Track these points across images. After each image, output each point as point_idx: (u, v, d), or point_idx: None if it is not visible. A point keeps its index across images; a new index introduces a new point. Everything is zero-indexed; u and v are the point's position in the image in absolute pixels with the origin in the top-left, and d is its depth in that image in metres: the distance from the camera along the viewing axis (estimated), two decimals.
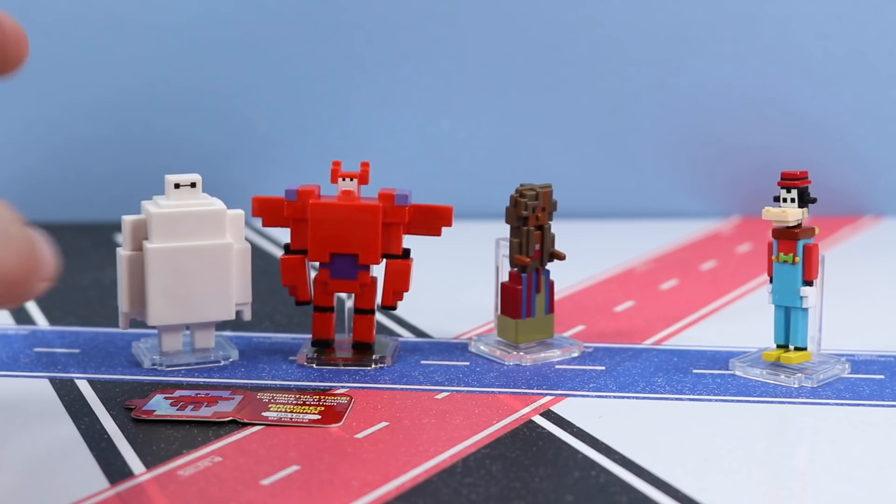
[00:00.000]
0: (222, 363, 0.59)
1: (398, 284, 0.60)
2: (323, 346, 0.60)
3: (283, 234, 0.61)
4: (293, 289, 0.60)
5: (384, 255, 0.59)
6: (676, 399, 0.55)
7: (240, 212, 0.60)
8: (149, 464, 0.48)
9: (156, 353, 0.60)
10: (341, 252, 0.59)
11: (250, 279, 0.60)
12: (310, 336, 0.61)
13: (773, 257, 0.58)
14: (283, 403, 0.54)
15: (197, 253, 0.58)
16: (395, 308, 0.60)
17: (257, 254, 0.63)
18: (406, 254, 0.60)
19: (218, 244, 0.58)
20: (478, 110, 0.98)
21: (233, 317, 0.59)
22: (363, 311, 0.60)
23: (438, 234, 0.60)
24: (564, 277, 0.69)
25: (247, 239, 0.60)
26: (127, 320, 0.59)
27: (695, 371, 0.59)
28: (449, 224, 0.60)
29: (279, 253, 0.61)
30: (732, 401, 0.55)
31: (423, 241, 0.61)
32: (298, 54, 0.95)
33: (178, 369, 0.59)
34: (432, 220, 0.60)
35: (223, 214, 0.59)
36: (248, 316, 0.60)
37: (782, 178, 0.57)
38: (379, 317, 0.70)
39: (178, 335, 0.59)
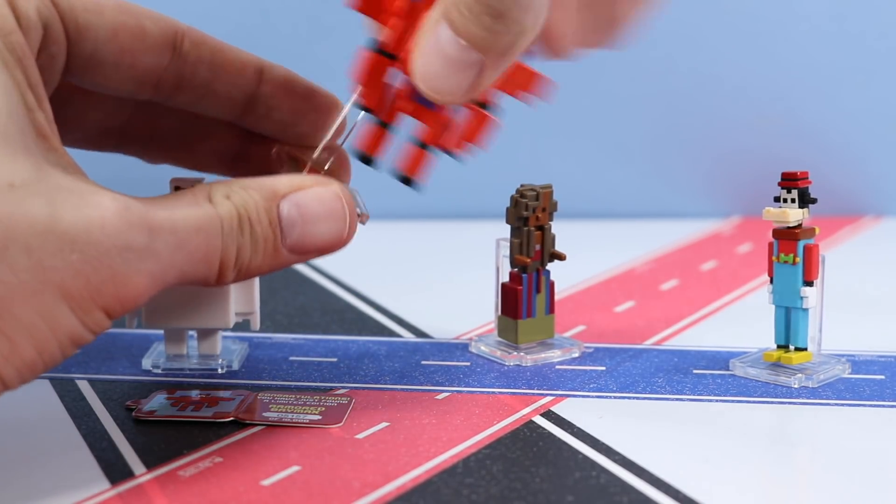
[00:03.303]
0: (220, 371, 0.59)
1: (473, 135, 0.53)
2: (367, 162, 0.52)
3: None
4: (359, 88, 0.50)
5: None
6: (677, 399, 0.55)
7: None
8: (149, 464, 0.48)
9: (162, 356, 0.60)
10: None
11: (256, 287, 0.59)
12: None
13: (774, 258, 0.58)
14: (284, 404, 0.54)
15: None
16: (457, 156, 0.54)
17: None
18: (488, 107, 0.53)
19: None
20: None
21: (230, 325, 0.58)
22: (424, 145, 0.52)
23: (527, 100, 0.54)
24: (565, 278, 0.69)
25: None
26: (132, 320, 0.58)
27: (695, 371, 0.59)
28: (539, 95, 0.54)
29: None
30: (733, 401, 0.55)
31: (423, 240, 0.60)
32: (298, 54, 0.95)
33: (177, 371, 0.59)
34: (526, 84, 0.54)
35: None
36: (256, 325, 0.59)
37: (783, 179, 0.57)
38: (379, 317, 0.70)
39: (182, 339, 0.59)
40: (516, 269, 0.61)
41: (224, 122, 0.57)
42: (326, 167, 0.54)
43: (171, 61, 0.52)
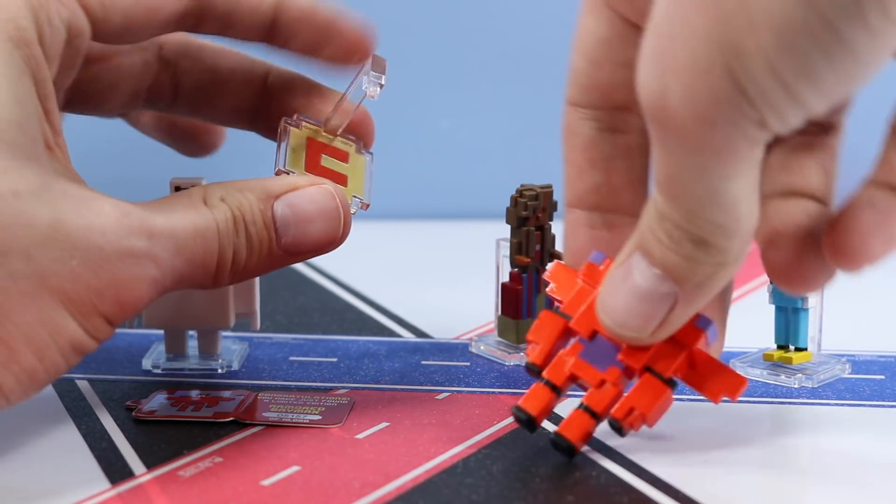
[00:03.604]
0: (220, 371, 0.59)
1: (643, 404, 0.47)
2: (529, 427, 0.49)
3: None
4: (530, 344, 0.49)
5: (646, 368, 0.47)
6: (677, 399, 0.55)
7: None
8: (149, 464, 0.48)
9: (162, 356, 0.60)
10: (607, 337, 0.47)
11: (256, 287, 0.59)
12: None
13: None
14: (284, 404, 0.54)
15: None
16: (622, 433, 0.47)
17: None
18: (671, 384, 0.47)
19: None
20: (478, 110, 0.98)
21: (229, 326, 0.58)
22: (588, 410, 0.48)
23: (716, 400, 0.48)
24: None
25: None
26: (132, 321, 0.58)
27: None
28: (734, 398, 0.48)
29: None
30: (734, 401, 0.55)
31: (423, 240, 0.60)
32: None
33: (177, 371, 0.59)
34: (717, 381, 0.48)
35: None
36: (256, 325, 0.60)
37: None
38: (379, 317, 0.70)
39: (182, 339, 0.59)
40: (516, 269, 0.61)
41: (244, 79, 0.57)
42: (340, 131, 0.54)
43: (190, 1, 0.52)
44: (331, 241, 0.50)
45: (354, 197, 0.54)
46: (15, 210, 0.42)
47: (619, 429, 0.47)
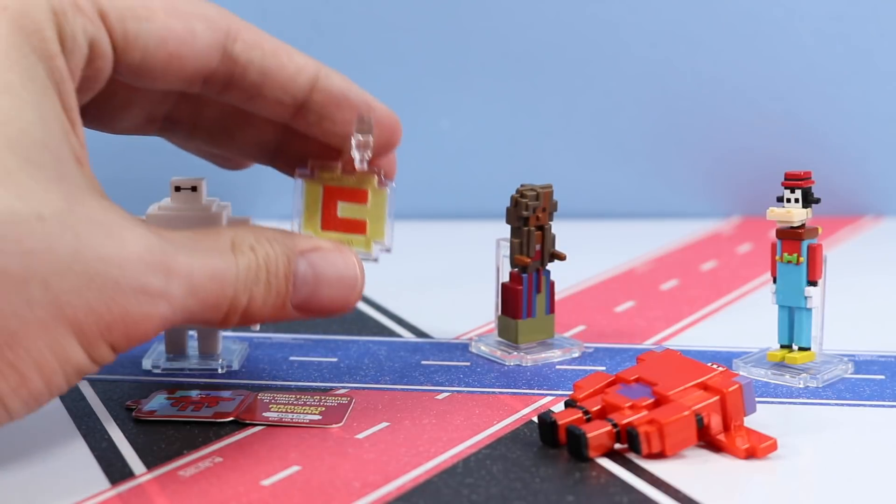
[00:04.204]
0: (220, 371, 0.59)
1: (663, 416, 0.48)
2: (550, 434, 0.49)
3: None
4: (577, 385, 0.51)
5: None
6: None
7: (246, 218, 0.59)
8: (149, 464, 0.48)
9: (162, 356, 0.60)
10: (647, 382, 0.50)
11: None
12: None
13: (777, 257, 0.58)
14: (284, 404, 0.54)
15: None
16: (638, 444, 0.48)
17: None
18: (697, 420, 0.48)
19: None
20: (478, 110, 0.98)
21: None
22: (610, 420, 0.48)
23: (743, 460, 0.48)
24: (565, 277, 0.69)
25: None
26: None
27: None
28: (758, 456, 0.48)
29: None
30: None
31: (423, 240, 0.60)
32: None
33: (177, 371, 0.59)
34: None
35: (219, 219, 0.57)
36: (256, 326, 0.59)
37: (786, 179, 0.57)
38: (379, 317, 0.70)
39: (182, 339, 0.59)
40: (516, 269, 0.61)
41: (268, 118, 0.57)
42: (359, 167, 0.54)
43: (220, 62, 0.51)
44: (341, 308, 0.51)
45: (376, 243, 0.54)
46: (39, 236, 0.42)
47: (635, 437, 0.47)
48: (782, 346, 0.59)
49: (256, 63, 0.52)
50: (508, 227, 0.61)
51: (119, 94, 0.54)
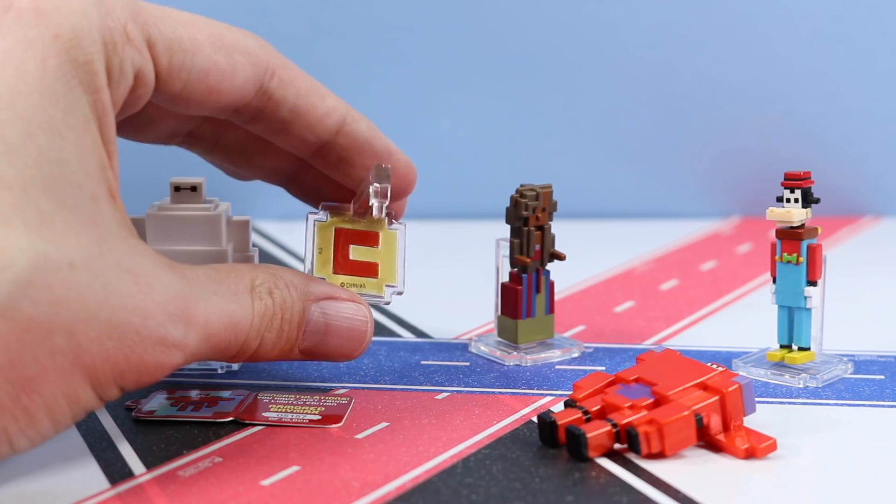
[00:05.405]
0: (220, 371, 0.59)
1: (662, 416, 0.48)
2: (549, 433, 0.49)
3: (296, 241, 0.61)
4: (576, 385, 0.52)
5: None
6: None
7: (245, 218, 0.59)
8: (149, 464, 0.48)
9: None
10: (647, 382, 0.50)
11: None
12: None
13: (777, 257, 0.58)
14: (284, 404, 0.54)
15: (190, 258, 0.54)
16: (637, 444, 0.48)
17: (268, 261, 0.63)
18: (697, 420, 0.48)
19: (211, 250, 0.57)
20: (478, 110, 0.98)
21: None
22: (609, 420, 0.49)
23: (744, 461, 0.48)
24: (564, 277, 0.69)
25: (255, 246, 0.60)
26: None
27: None
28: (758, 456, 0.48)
29: (290, 260, 0.61)
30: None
31: (423, 240, 0.60)
32: (298, 55, 0.94)
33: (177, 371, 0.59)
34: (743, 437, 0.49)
35: (219, 220, 0.57)
36: None
37: (786, 179, 0.57)
38: (379, 317, 0.70)
39: None
40: (516, 269, 0.61)
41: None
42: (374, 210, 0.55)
43: (254, 97, 0.52)
44: (345, 358, 0.53)
45: (388, 286, 0.55)
46: (69, 284, 0.42)
47: (635, 437, 0.47)
48: (782, 346, 0.59)
49: (290, 101, 0.53)
50: (508, 227, 0.61)
51: (148, 112, 0.54)
